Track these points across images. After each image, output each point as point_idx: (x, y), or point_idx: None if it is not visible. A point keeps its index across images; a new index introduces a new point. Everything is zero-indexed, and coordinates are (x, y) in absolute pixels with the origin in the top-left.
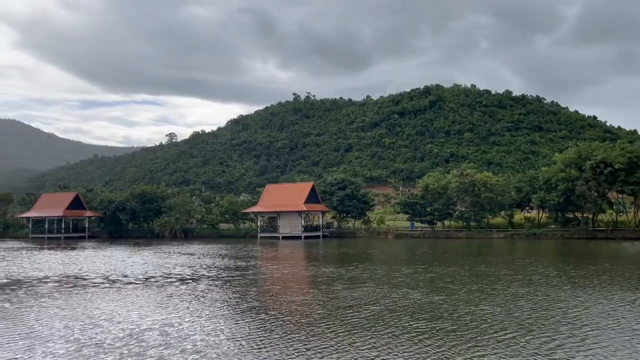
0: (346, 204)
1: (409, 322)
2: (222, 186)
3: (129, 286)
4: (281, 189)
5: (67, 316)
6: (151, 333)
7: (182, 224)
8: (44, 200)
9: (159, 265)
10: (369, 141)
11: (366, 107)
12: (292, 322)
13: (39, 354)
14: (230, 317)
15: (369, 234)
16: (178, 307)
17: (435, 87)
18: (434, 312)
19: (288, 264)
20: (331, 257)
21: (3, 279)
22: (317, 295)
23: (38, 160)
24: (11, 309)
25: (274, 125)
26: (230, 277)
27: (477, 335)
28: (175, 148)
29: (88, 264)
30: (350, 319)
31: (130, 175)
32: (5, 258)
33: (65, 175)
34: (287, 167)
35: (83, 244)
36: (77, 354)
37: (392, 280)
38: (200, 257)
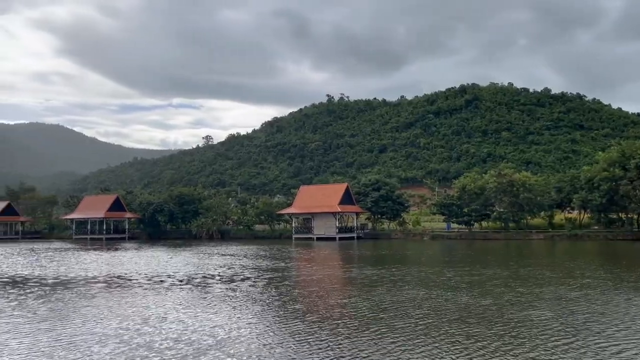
0: (381, 205)
1: (459, 326)
2: (257, 188)
3: (175, 287)
4: (315, 190)
5: (118, 316)
6: (201, 335)
7: (218, 225)
8: (86, 203)
9: (201, 266)
10: (403, 142)
11: (400, 107)
12: (340, 325)
13: (92, 354)
14: (278, 320)
15: (404, 236)
16: (225, 308)
17: (471, 86)
18: (482, 315)
19: (327, 266)
20: (368, 259)
21: (54, 279)
22: (361, 297)
23: (81, 163)
24: (64, 309)
25: (308, 126)
26: (272, 279)
27: (531, 340)
28: (212, 150)
29: (133, 264)
30: (398, 323)
31: (168, 177)
32: (54, 258)
33: (106, 177)
34: (320, 168)
35: (124, 245)
36: (130, 355)
37: (435, 282)
38: (240, 258)
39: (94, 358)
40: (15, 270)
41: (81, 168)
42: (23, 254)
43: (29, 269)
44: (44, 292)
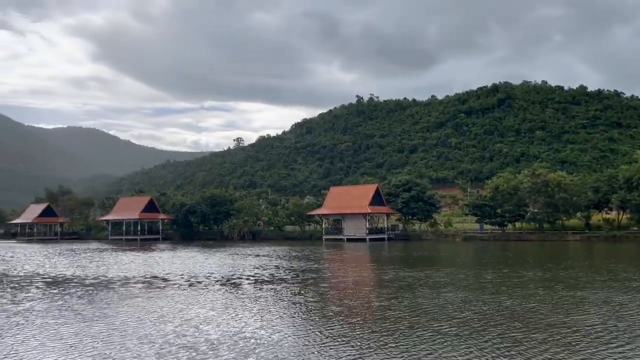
0: (412, 206)
1: (504, 330)
2: (287, 189)
3: (214, 287)
4: (345, 191)
5: (160, 317)
6: (243, 337)
7: (249, 226)
8: (121, 204)
9: (237, 267)
10: (434, 141)
11: (431, 107)
12: (383, 328)
13: (140, 356)
14: (319, 322)
15: (435, 237)
16: (265, 310)
17: (503, 85)
18: (528, 319)
19: (361, 267)
20: (402, 260)
21: (95, 279)
22: (401, 300)
23: (116, 166)
24: (107, 310)
25: (338, 127)
26: (308, 280)
27: (582, 346)
28: (243, 152)
29: (170, 265)
30: (442, 326)
31: (201, 179)
32: (93, 259)
33: (141, 179)
34: (350, 169)
35: (158, 246)
36: (177, 356)
37: (475, 285)
38: (274, 259)
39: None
40: (58, 271)
41: (116, 170)
42: (64, 255)
43: (71, 269)
44: (86, 292)
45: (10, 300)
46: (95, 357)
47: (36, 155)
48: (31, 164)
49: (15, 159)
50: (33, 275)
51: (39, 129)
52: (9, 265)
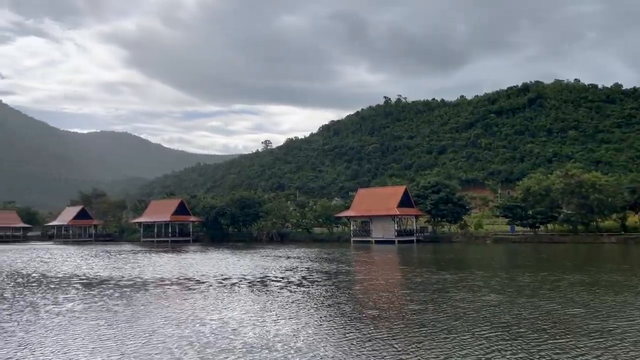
0: (441, 207)
1: (549, 336)
2: (315, 191)
3: (248, 289)
4: (373, 193)
5: (197, 319)
6: (280, 341)
7: (278, 227)
8: (153, 207)
9: (270, 269)
10: (463, 142)
11: (460, 107)
12: (421, 333)
13: (177, 357)
14: (356, 326)
15: (465, 239)
16: (301, 313)
17: (534, 84)
18: (571, 325)
19: (393, 269)
20: (434, 263)
21: (131, 281)
22: (436, 304)
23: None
24: (144, 311)
25: (365, 129)
26: (341, 282)
27: (633, 356)
28: (271, 155)
29: (203, 266)
30: (482, 331)
31: (230, 181)
32: (129, 260)
33: (171, 182)
34: (378, 171)
35: (189, 248)
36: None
37: (510, 288)
38: (305, 261)
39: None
40: (95, 272)
41: (148, 173)
42: (99, 256)
43: (107, 270)
44: (124, 293)
45: (52, 301)
46: (139, 359)
47: (71, 159)
48: (67, 168)
49: (51, 162)
50: (71, 276)
51: (74, 134)
52: (49, 266)
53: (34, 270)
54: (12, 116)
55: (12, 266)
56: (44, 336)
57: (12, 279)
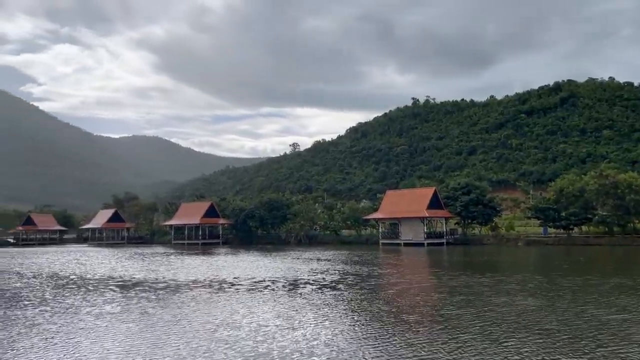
0: (471, 209)
1: (600, 344)
2: (343, 193)
3: (283, 292)
4: (402, 194)
5: (234, 322)
6: (317, 345)
7: (306, 230)
8: (183, 209)
9: (302, 271)
10: (494, 143)
11: (490, 107)
12: (462, 340)
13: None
14: (395, 331)
15: (496, 241)
16: (336, 317)
17: (566, 83)
18: (623, 331)
19: (425, 272)
20: (466, 266)
21: (167, 283)
22: (474, 308)
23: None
24: (182, 313)
25: (393, 130)
26: (374, 286)
27: None
28: (298, 157)
29: (235, 268)
30: (527, 338)
31: (258, 184)
32: (163, 263)
33: (201, 185)
34: (407, 172)
35: (220, 250)
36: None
37: (549, 291)
38: (336, 263)
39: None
40: (130, 274)
41: (178, 176)
42: (133, 258)
43: (142, 272)
44: (160, 295)
45: (91, 303)
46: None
47: (104, 163)
48: (100, 172)
49: (86, 167)
50: (108, 278)
51: (107, 139)
52: (86, 268)
53: (71, 273)
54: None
55: (51, 268)
56: (84, 338)
57: (52, 280)
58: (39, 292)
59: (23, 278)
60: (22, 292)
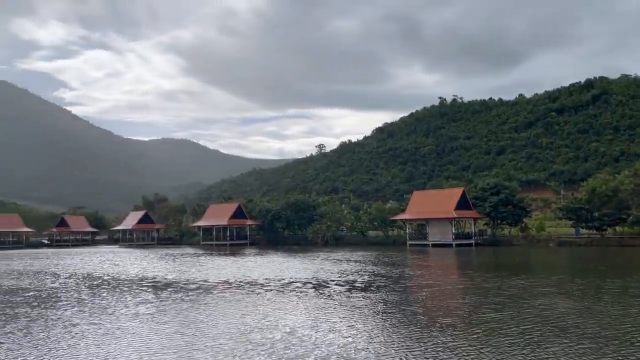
0: (500, 209)
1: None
2: (369, 194)
3: (315, 293)
4: (429, 195)
5: (268, 325)
6: (355, 348)
7: (333, 231)
8: (211, 211)
9: (333, 272)
10: (523, 142)
11: (519, 106)
12: (504, 344)
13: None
14: (432, 335)
15: (527, 242)
16: (372, 320)
17: (598, 80)
18: None
19: (457, 274)
20: (498, 267)
21: (198, 284)
22: (514, 311)
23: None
24: (215, 314)
25: (420, 130)
26: (407, 287)
27: None
28: (325, 158)
29: (265, 269)
30: (571, 342)
31: (285, 185)
32: (194, 264)
33: (228, 187)
34: (434, 172)
35: (248, 251)
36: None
37: (590, 294)
38: (366, 264)
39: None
40: (162, 275)
41: (206, 178)
42: (164, 259)
43: (174, 273)
44: (192, 296)
45: (126, 304)
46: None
47: (134, 166)
48: (130, 174)
49: (116, 169)
50: (141, 279)
51: (137, 141)
52: (119, 269)
53: (105, 273)
54: (81, 126)
55: (86, 269)
56: (120, 339)
57: (87, 281)
58: (75, 292)
59: (59, 278)
60: (59, 293)
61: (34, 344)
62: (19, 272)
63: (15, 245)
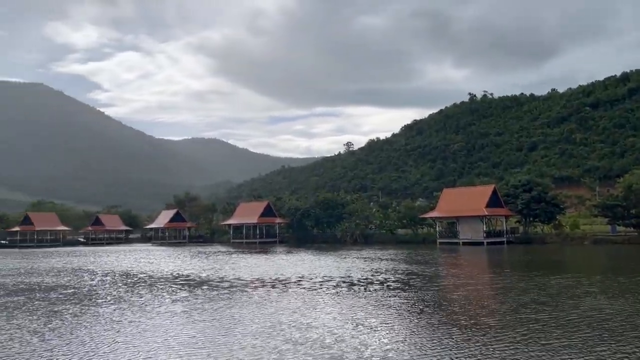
0: (533, 207)
1: None
2: (398, 192)
3: (351, 292)
4: (459, 193)
5: (304, 324)
6: (394, 350)
7: (362, 229)
8: (241, 209)
9: (366, 271)
10: (556, 138)
11: (551, 101)
12: (554, 350)
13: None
14: (474, 336)
15: (560, 240)
16: (410, 319)
17: (635, 73)
18: None
19: (491, 272)
20: (533, 265)
21: (232, 282)
22: (556, 311)
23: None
24: (253, 312)
25: (449, 127)
26: (442, 286)
27: None
28: (353, 156)
29: (298, 267)
30: (621, 343)
31: (313, 183)
32: (227, 261)
33: (258, 185)
34: (464, 170)
35: (278, 248)
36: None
37: (636, 294)
38: (398, 262)
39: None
40: (196, 273)
41: (235, 177)
42: (197, 257)
43: (207, 271)
44: (227, 294)
45: (163, 301)
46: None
47: (166, 165)
48: (162, 173)
49: (149, 168)
50: (176, 276)
51: (168, 141)
52: (154, 267)
53: (141, 271)
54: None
55: (122, 266)
56: (158, 336)
57: (125, 278)
58: (113, 290)
59: (98, 276)
60: (98, 290)
61: (80, 340)
62: (58, 269)
63: (53, 243)
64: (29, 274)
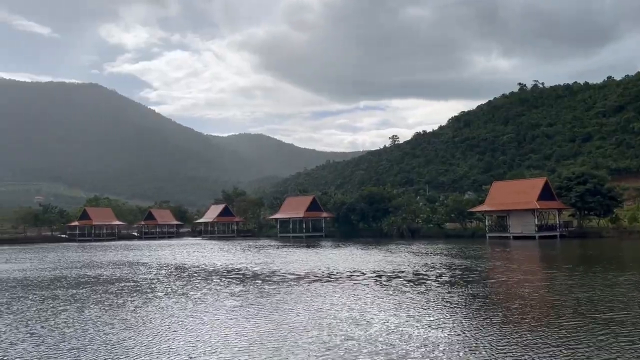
0: (587, 200)
1: None
2: (445, 185)
3: (405, 287)
4: (510, 185)
5: (363, 320)
6: (457, 350)
7: (408, 223)
8: (287, 204)
9: (418, 265)
10: (612, 127)
11: (607, 89)
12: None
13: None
14: (537, 335)
15: (617, 234)
16: (466, 316)
17: None
18: None
19: (548, 268)
20: (592, 261)
21: (284, 276)
22: (627, 310)
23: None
24: (309, 306)
25: (498, 118)
26: (497, 282)
27: None
28: (398, 150)
29: (348, 262)
30: None
31: (358, 177)
32: (278, 255)
33: (304, 180)
34: (514, 162)
35: (324, 243)
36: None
37: None
38: (451, 257)
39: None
40: (248, 266)
41: (282, 172)
42: (248, 251)
43: (259, 265)
44: (281, 288)
45: (218, 296)
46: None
47: (214, 161)
48: (210, 169)
49: (197, 164)
50: (229, 270)
51: (216, 137)
52: (207, 260)
53: (194, 264)
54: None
55: (177, 260)
56: (216, 330)
57: (180, 272)
58: (171, 282)
59: (153, 269)
60: (154, 284)
61: (149, 331)
62: (115, 262)
63: (109, 237)
64: (89, 267)
